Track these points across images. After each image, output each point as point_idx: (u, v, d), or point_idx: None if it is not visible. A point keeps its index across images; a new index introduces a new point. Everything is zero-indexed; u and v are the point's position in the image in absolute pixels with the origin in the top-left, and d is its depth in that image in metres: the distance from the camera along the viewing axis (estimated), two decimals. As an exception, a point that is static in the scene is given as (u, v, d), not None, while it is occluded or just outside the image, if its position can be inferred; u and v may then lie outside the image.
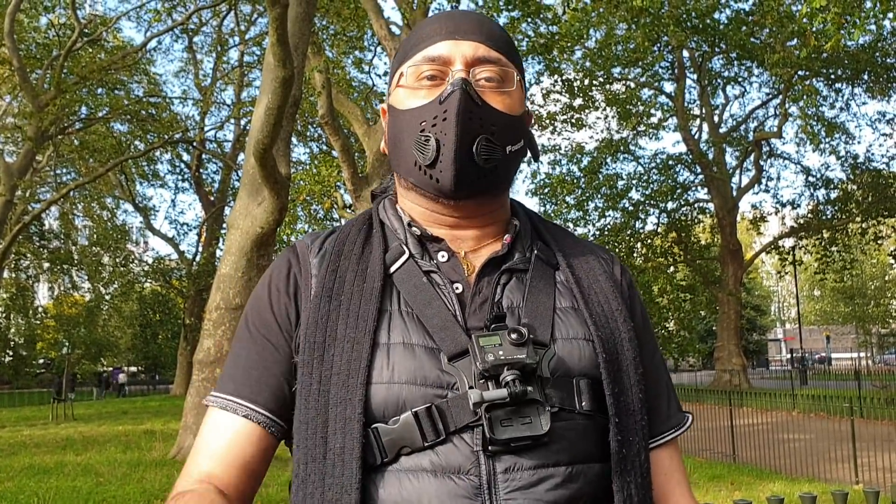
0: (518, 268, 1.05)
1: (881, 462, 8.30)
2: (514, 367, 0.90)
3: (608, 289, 1.07)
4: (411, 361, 0.94)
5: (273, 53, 8.84)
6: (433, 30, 1.07)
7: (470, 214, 1.06)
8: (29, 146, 21.60)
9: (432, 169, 1.01)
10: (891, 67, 23.04)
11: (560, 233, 1.16)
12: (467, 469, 0.91)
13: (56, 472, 9.51)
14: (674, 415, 1.12)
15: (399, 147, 1.06)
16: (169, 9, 21.30)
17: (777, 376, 35.58)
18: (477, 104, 1.00)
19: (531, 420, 0.90)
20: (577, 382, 0.97)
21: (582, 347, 1.00)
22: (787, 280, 56.55)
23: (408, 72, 1.06)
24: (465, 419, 0.91)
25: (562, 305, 1.04)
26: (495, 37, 1.08)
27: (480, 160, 1.00)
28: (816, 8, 10.22)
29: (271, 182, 9.89)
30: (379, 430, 0.93)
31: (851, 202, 25.55)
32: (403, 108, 1.05)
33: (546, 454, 0.92)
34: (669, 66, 25.98)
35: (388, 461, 0.92)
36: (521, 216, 1.13)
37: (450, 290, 1.01)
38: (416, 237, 1.07)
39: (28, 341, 41.52)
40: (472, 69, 1.03)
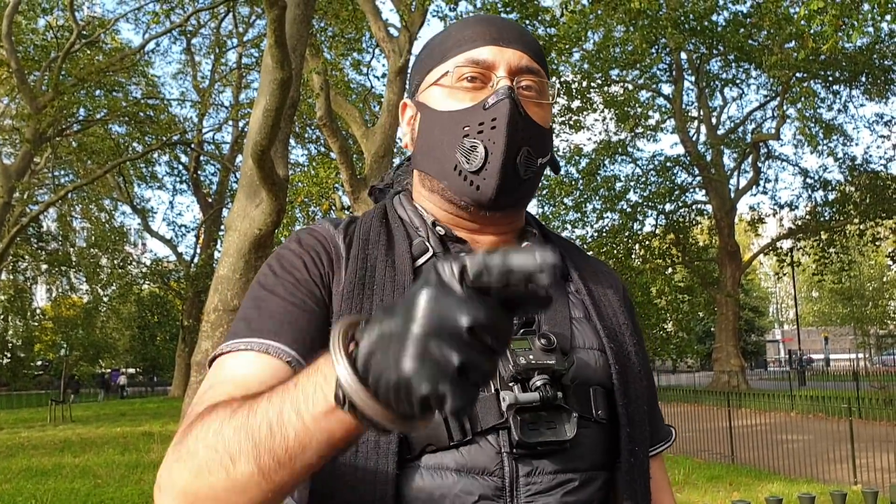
0: None
1: (879, 463, 8.31)
2: (545, 372, 0.91)
3: (615, 302, 1.10)
4: None
5: (271, 55, 8.84)
6: (476, 33, 1.06)
7: (492, 223, 1.06)
8: (27, 148, 21.58)
9: (476, 176, 1.00)
10: (888, 69, 23.09)
11: (567, 245, 1.17)
12: (491, 470, 0.91)
13: (54, 474, 9.50)
14: (662, 427, 1.16)
15: (436, 149, 1.05)
16: (167, 11, 21.28)
17: (775, 377, 35.60)
18: (521, 114, 1.01)
19: (556, 426, 0.92)
20: (594, 391, 0.99)
21: (596, 357, 1.01)
22: (785, 281, 56.61)
23: (452, 71, 1.04)
24: (492, 420, 0.92)
25: (575, 315, 1.05)
26: (535, 49, 1.08)
27: (522, 171, 1.01)
28: (814, 10, 10.24)
29: (269, 184, 9.88)
30: None
31: (849, 204, 25.57)
32: (442, 109, 1.04)
33: (566, 460, 0.93)
34: (667, 68, 26.02)
35: (412, 458, 0.92)
36: (535, 226, 1.15)
37: None
38: (440, 237, 1.06)
39: (26, 343, 41.44)
40: (514, 78, 1.03)
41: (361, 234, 1.04)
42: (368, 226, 1.07)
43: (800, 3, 19.36)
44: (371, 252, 1.02)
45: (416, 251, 1.03)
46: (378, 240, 1.04)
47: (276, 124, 9.25)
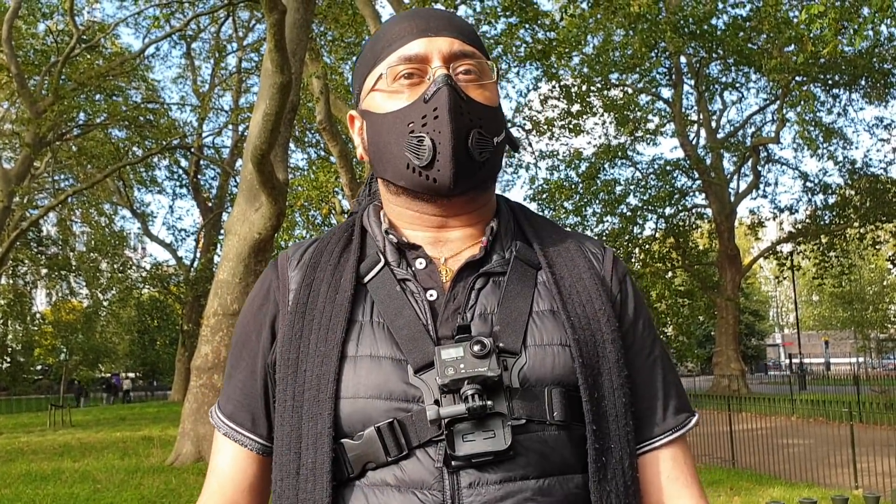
0: (496, 271, 1.02)
1: (881, 467, 8.29)
2: (475, 381, 0.88)
3: (592, 287, 1.02)
4: (377, 374, 0.93)
5: (271, 59, 8.85)
6: (403, 29, 1.05)
7: (460, 212, 1.04)
8: (27, 152, 21.59)
9: (429, 169, 0.98)
10: (888, 73, 23.10)
11: (547, 227, 1.11)
12: (431, 484, 0.89)
13: (53, 479, 9.48)
14: (672, 415, 1.05)
15: (385, 152, 1.03)
16: (167, 15, 21.30)
17: (776, 381, 35.57)
18: (463, 99, 0.99)
19: (494, 434, 0.88)
20: (550, 391, 0.94)
21: (556, 353, 0.96)
22: (785, 285, 56.56)
23: (386, 73, 1.03)
24: (428, 434, 0.90)
25: (539, 308, 1.00)
26: (467, 31, 1.06)
27: (476, 154, 0.99)
28: (814, 14, 10.25)
29: (269, 188, 9.89)
30: (345, 446, 0.93)
31: (849, 207, 25.56)
32: (384, 112, 1.03)
33: (512, 468, 0.90)
34: (667, 72, 26.03)
35: (354, 476, 0.93)
36: (504, 213, 1.10)
37: (423, 299, 0.98)
38: (394, 245, 1.04)
39: (26, 348, 41.43)
40: (450, 65, 1.02)
41: (313, 257, 1.06)
42: (324, 246, 1.07)
43: (799, 8, 19.41)
44: (317, 275, 1.03)
45: (368, 264, 1.03)
46: (328, 260, 1.04)
47: (275, 128, 9.26)
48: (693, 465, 1.08)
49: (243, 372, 1.06)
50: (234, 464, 1.06)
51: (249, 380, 1.05)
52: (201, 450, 10.59)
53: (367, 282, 1.01)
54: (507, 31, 16.07)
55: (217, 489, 1.06)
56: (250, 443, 1.05)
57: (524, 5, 13.78)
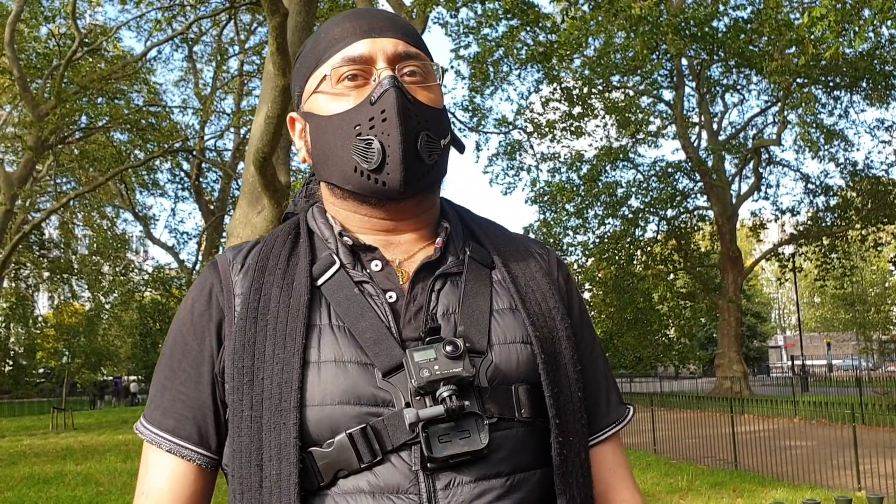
0: (452, 271, 1.02)
1: (883, 469, 8.29)
2: (451, 382, 0.88)
3: (545, 286, 1.04)
4: (343, 379, 0.91)
5: (273, 62, 8.84)
6: (346, 29, 1.03)
7: (409, 215, 1.03)
8: (29, 156, 21.61)
9: (378, 173, 0.97)
10: (889, 75, 23.08)
11: (493, 229, 1.12)
12: (406, 488, 0.89)
13: (56, 482, 9.48)
14: (614, 409, 1.10)
15: (331, 155, 1.01)
16: (169, 18, 21.34)
17: (778, 383, 35.52)
18: (409, 100, 0.98)
19: (470, 434, 0.89)
20: (516, 389, 0.95)
21: (519, 351, 0.97)
22: (787, 287, 56.49)
23: (330, 74, 1.01)
24: (402, 437, 0.89)
25: (499, 307, 1.01)
26: (410, 32, 1.06)
27: (425, 156, 0.98)
28: (816, 16, 10.26)
29: (271, 191, 9.87)
30: (314, 455, 0.90)
31: (851, 209, 25.55)
32: (329, 114, 1.01)
33: (486, 466, 0.90)
34: (668, 74, 26.03)
35: (324, 485, 0.90)
36: (451, 215, 1.10)
37: (383, 301, 0.97)
38: (348, 247, 1.02)
39: (28, 351, 41.46)
40: (395, 66, 1.01)
41: (259, 260, 1.01)
42: (269, 248, 1.03)
43: (800, 10, 19.42)
44: (266, 279, 0.99)
45: (321, 266, 1.00)
46: (276, 263, 1.00)
47: (278, 131, 9.24)
48: (627, 456, 1.12)
49: (185, 383, 0.99)
50: (175, 481, 0.99)
51: (193, 390, 0.99)
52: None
53: (321, 284, 0.98)
54: (508, 34, 16.10)
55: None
56: (198, 457, 0.98)
57: (525, 8, 13.80)
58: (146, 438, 1.00)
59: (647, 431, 12.37)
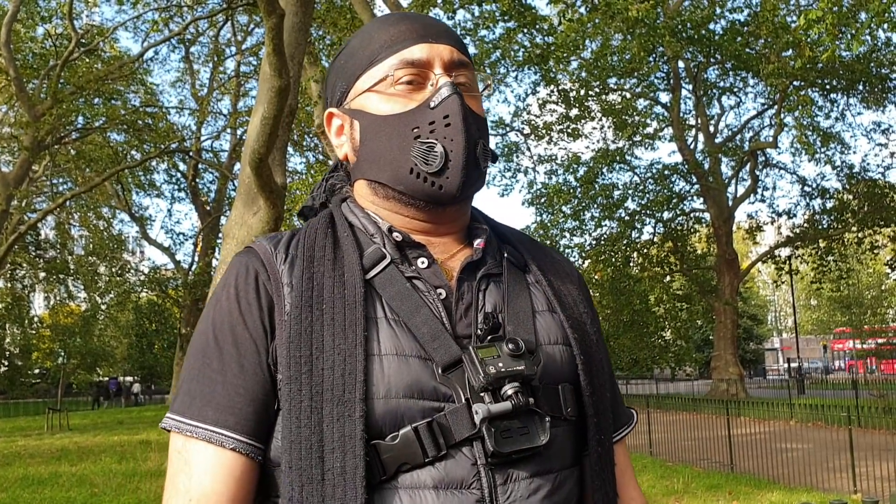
0: (493, 272, 1.04)
1: (879, 471, 8.29)
2: (515, 380, 0.90)
3: (575, 291, 1.09)
4: (407, 373, 0.91)
5: (269, 63, 8.83)
6: (402, 31, 1.04)
7: (450, 219, 1.05)
8: (25, 156, 21.56)
9: (438, 177, 0.98)
10: (885, 78, 23.15)
11: (520, 236, 1.15)
12: (469, 483, 0.89)
13: (51, 483, 9.46)
14: (623, 412, 1.15)
15: (385, 155, 1.01)
16: (166, 19, 21.32)
17: (774, 385, 35.57)
18: (469, 109, 1.00)
19: (529, 431, 0.91)
20: (562, 388, 0.98)
21: (561, 352, 1.00)
22: (783, 289, 56.61)
23: (391, 74, 1.01)
24: (465, 432, 0.90)
25: (538, 308, 1.03)
26: (460, 41, 1.07)
27: (482, 163, 1.01)
28: (813, 19, 10.28)
29: (267, 192, 9.87)
30: (378, 448, 0.89)
31: (847, 212, 25.60)
32: (384, 114, 1.01)
33: (541, 463, 0.93)
34: (665, 77, 26.07)
35: (386, 479, 0.89)
36: (482, 220, 1.12)
37: (434, 297, 0.98)
38: (396, 242, 1.02)
39: (24, 351, 41.38)
40: (451, 73, 1.02)
41: (305, 250, 0.99)
42: (313, 239, 1.01)
43: (797, 13, 19.45)
44: (317, 270, 0.96)
45: (370, 260, 0.99)
46: (324, 254, 0.98)
47: (273, 132, 9.24)
48: (629, 456, 1.19)
49: (239, 375, 0.94)
50: (234, 482, 0.92)
51: (252, 383, 0.93)
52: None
53: (372, 278, 0.98)
54: (505, 36, 16.09)
55: None
56: (255, 452, 0.93)
57: (522, 10, 13.80)
58: (201, 437, 0.92)
59: (643, 434, 12.37)
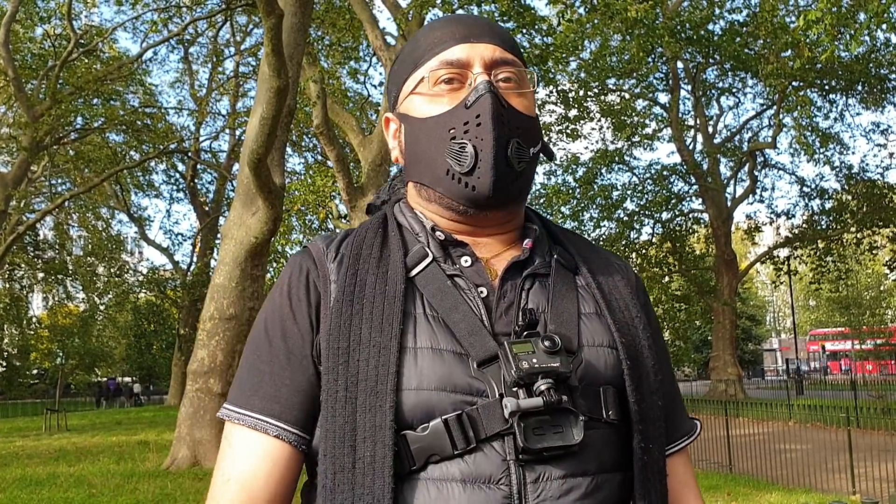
0: (540, 272, 1.03)
1: (878, 472, 8.29)
2: (549, 376, 0.89)
3: (627, 295, 1.06)
4: (440, 367, 0.92)
5: (268, 64, 8.84)
6: (445, 34, 1.05)
7: (495, 222, 1.05)
8: (24, 156, 21.56)
9: (469, 176, 0.98)
10: (884, 78, 23.18)
11: (574, 237, 1.14)
12: (498, 478, 0.89)
13: (48, 484, 9.43)
14: (685, 422, 1.13)
15: (424, 157, 1.03)
16: (165, 20, 21.31)
17: (773, 386, 35.58)
18: (504, 106, 0.99)
19: (563, 429, 0.90)
20: (604, 391, 0.97)
21: (606, 355, 0.99)
22: (782, 290, 56.63)
23: (428, 76, 1.03)
24: (496, 427, 0.90)
25: (585, 311, 1.02)
26: (507, 39, 1.07)
27: (515, 163, 0.99)
28: (811, 20, 10.29)
29: (266, 192, 9.88)
30: (408, 438, 0.90)
31: (846, 212, 25.63)
32: (424, 116, 1.03)
33: (575, 464, 0.91)
34: (664, 77, 26.10)
35: (415, 469, 0.90)
36: (536, 221, 1.12)
37: (475, 295, 0.99)
38: (440, 241, 1.03)
39: (22, 352, 41.33)
40: (491, 71, 1.02)
41: (353, 249, 1.02)
42: (362, 238, 1.04)
43: (796, 13, 19.45)
44: (361, 266, 0.99)
45: (414, 258, 1.01)
46: (370, 252, 1.01)
47: (272, 132, 9.25)
48: (693, 469, 1.15)
49: (286, 367, 0.98)
50: (273, 465, 0.96)
51: (299, 374, 0.98)
52: (197, 454, 10.55)
53: (415, 276, 1.00)
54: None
55: (239, 493, 0.95)
56: (302, 442, 0.97)
57: (521, 10, 13.81)
58: (247, 424, 0.97)
59: (642, 434, 12.33)
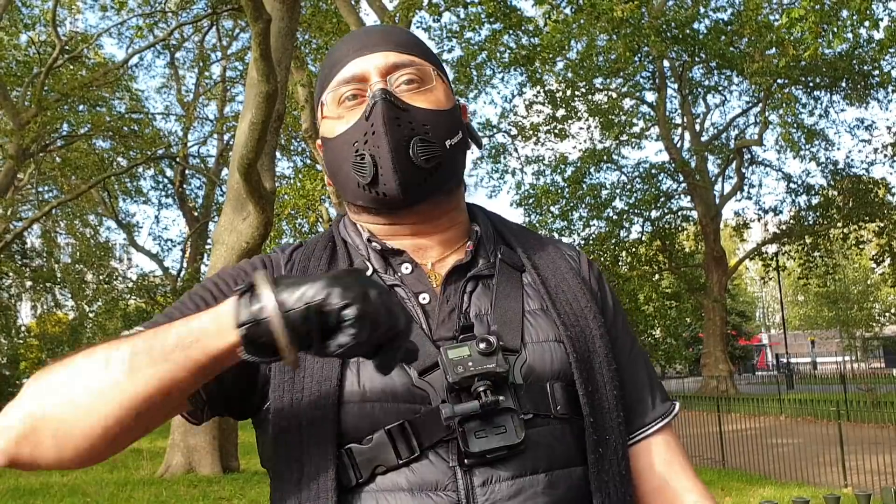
0: (484, 274, 1.04)
1: (869, 465, 8.36)
2: (485, 378, 0.89)
3: (576, 286, 1.06)
4: (380, 378, 0.92)
5: (256, 68, 8.83)
6: (341, 53, 1.06)
7: (427, 219, 1.05)
8: (10, 164, 21.42)
9: (375, 185, 1.00)
10: (868, 74, 23.35)
11: (523, 233, 1.14)
12: (445, 485, 0.89)
13: (42, 494, 9.39)
14: (659, 405, 1.10)
15: (339, 174, 1.05)
16: (150, 25, 21.24)
17: (763, 381, 35.75)
18: (401, 109, 1.00)
19: (506, 429, 0.89)
20: (551, 386, 0.96)
21: (553, 349, 0.98)
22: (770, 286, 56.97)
23: (327, 99, 1.05)
24: (439, 434, 0.90)
25: (531, 308, 1.02)
26: (404, 41, 1.07)
27: (420, 161, 0.99)
28: (795, 18, 10.37)
29: (256, 197, 9.86)
30: (353, 450, 0.91)
31: (832, 208, 25.80)
32: (334, 136, 1.04)
33: (524, 462, 0.91)
34: (650, 76, 26.19)
35: (363, 481, 0.91)
36: (482, 220, 1.12)
37: (415, 303, 1.00)
38: (378, 252, 1.05)
39: (11, 361, 40.99)
40: (388, 77, 1.03)
41: (301, 261, 1.05)
42: (311, 251, 1.07)
43: (780, 11, 19.59)
44: (311, 272, 1.02)
45: None
46: (317, 265, 1.04)
47: (262, 137, 9.23)
48: (684, 450, 1.12)
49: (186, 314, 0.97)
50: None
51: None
52: (192, 461, 10.53)
53: None
54: (491, 38, 16.14)
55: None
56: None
57: (508, 11, 13.85)
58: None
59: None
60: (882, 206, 24.92)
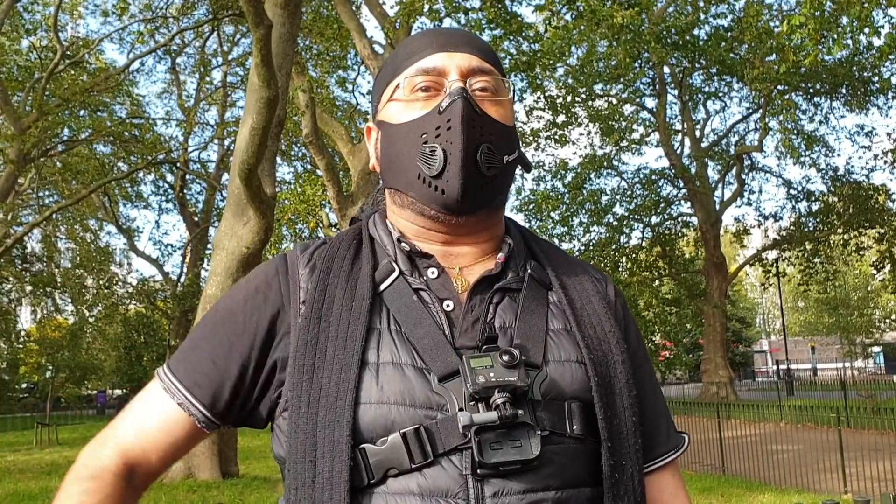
0: (511, 287, 1.04)
1: (869, 471, 8.35)
2: (505, 390, 0.89)
3: (601, 310, 1.06)
4: (401, 381, 0.93)
5: (257, 74, 8.84)
6: (424, 43, 1.07)
7: (468, 231, 1.05)
8: (11, 169, 21.44)
9: (438, 179, 1.00)
10: (868, 81, 23.38)
11: (553, 251, 1.14)
12: (455, 492, 0.89)
13: (41, 499, 9.38)
14: (673, 435, 1.12)
15: (397, 162, 1.05)
16: (151, 30, 21.27)
17: (764, 388, 35.72)
18: (477, 112, 1.01)
19: (521, 444, 0.89)
20: (569, 405, 0.96)
21: (574, 370, 0.98)
22: (771, 292, 56.88)
23: (404, 83, 1.05)
24: (454, 441, 0.90)
25: (554, 327, 1.02)
26: (486, 50, 1.09)
27: (484, 168, 1.00)
28: (795, 24, 10.39)
29: (257, 202, 9.87)
30: (367, 451, 0.91)
31: (833, 214, 25.81)
32: (399, 122, 1.04)
33: (536, 478, 0.91)
34: (651, 83, 26.24)
35: (374, 483, 0.91)
36: (515, 233, 1.12)
37: (439, 309, 0.99)
38: (406, 253, 1.04)
39: (11, 365, 40.97)
40: (467, 80, 1.03)
41: (324, 261, 1.04)
42: (335, 250, 1.06)
43: (780, 18, 19.62)
44: (332, 281, 1.01)
45: (382, 273, 1.03)
46: (341, 266, 1.03)
47: (262, 143, 9.24)
48: (684, 481, 1.14)
49: (220, 348, 1.03)
50: (167, 425, 1.03)
51: (223, 358, 1.02)
52: (191, 466, 10.52)
53: (383, 291, 1.01)
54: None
55: (133, 434, 1.03)
56: (202, 417, 1.02)
57: (508, 18, 13.88)
58: (163, 385, 1.04)
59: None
60: (882, 212, 24.94)
